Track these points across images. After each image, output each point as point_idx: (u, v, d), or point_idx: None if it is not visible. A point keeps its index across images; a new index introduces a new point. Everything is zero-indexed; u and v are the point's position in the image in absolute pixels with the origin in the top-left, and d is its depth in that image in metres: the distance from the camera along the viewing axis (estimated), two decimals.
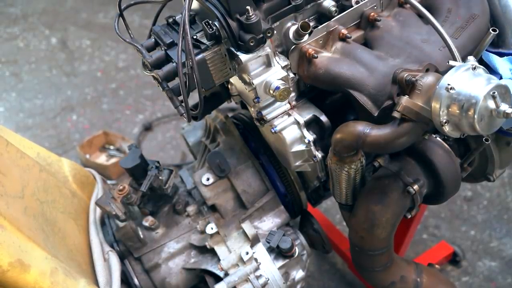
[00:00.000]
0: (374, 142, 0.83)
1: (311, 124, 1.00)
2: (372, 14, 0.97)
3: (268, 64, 0.91)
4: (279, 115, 0.98)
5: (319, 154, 1.00)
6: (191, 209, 1.15)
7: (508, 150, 1.10)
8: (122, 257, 1.10)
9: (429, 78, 0.79)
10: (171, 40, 0.93)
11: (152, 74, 0.90)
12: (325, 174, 1.10)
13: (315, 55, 0.93)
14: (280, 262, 1.07)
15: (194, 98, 0.90)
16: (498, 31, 0.90)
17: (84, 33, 3.50)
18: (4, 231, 0.83)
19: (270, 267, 1.05)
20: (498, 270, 1.98)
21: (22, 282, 0.85)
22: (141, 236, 1.10)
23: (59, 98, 3.01)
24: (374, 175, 0.99)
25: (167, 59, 0.92)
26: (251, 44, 0.85)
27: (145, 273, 1.11)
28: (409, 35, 0.95)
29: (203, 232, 1.12)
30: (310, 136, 0.98)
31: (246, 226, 1.09)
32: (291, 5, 0.91)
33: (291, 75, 0.97)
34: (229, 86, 1.03)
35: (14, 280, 0.85)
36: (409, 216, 0.99)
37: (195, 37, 0.90)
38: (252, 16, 0.82)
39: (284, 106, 0.99)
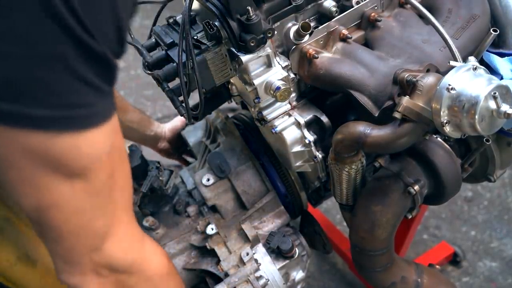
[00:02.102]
0: (374, 143, 0.83)
1: (312, 125, 1.00)
2: (372, 14, 0.97)
3: (268, 65, 0.91)
4: (279, 115, 0.98)
5: (319, 155, 1.00)
6: (191, 209, 1.15)
7: (508, 151, 1.10)
8: None
9: (429, 79, 0.79)
10: (172, 40, 0.93)
11: (153, 74, 0.90)
12: (326, 174, 1.10)
13: (316, 56, 0.93)
14: (280, 263, 1.07)
15: (194, 98, 0.90)
16: (498, 31, 0.90)
17: None
18: (12, 226, 0.84)
19: (270, 268, 1.05)
20: (498, 271, 1.98)
21: (29, 276, 0.86)
22: None
23: None
24: (374, 176, 0.99)
25: (168, 60, 0.92)
26: (252, 44, 0.84)
27: None
28: (409, 36, 0.95)
29: (203, 232, 1.11)
30: (310, 137, 0.98)
31: (246, 227, 1.09)
32: (291, 6, 0.91)
33: (292, 75, 0.97)
34: (229, 87, 1.03)
35: (21, 275, 0.85)
36: (410, 217, 0.99)
37: (195, 37, 0.90)
38: (253, 17, 0.82)
39: (284, 106, 0.99)
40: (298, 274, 1.11)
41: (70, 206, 0.63)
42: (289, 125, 0.98)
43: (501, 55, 0.96)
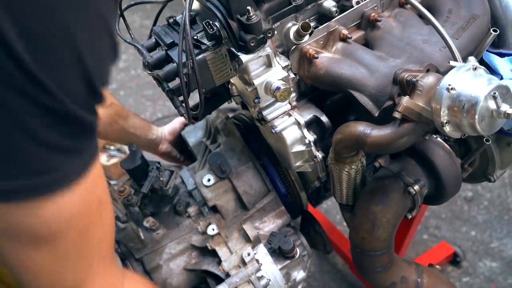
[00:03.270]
0: (374, 143, 0.83)
1: (312, 125, 1.00)
2: (372, 14, 0.97)
3: (268, 65, 0.91)
4: (279, 115, 0.98)
5: (319, 155, 1.00)
6: (192, 210, 1.15)
7: (508, 151, 1.10)
8: (123, 259, 1.10)
9: (429, 79, 0.79)
10: (172, 40, 0.93)
11: (153, 74, 0.90)
12: (326, 174, 1.10)
13: (316, 56, 0.93)
14: (282, 263, 1.07)
15: (194, 98, 0.90)
16: (498, 31, 0.90)
17: None
18: None
19: (272, 268, 1.05)
20: (498, 271, 1.98)
21: None
22: (142, 237, 1.10)
23: None
24: (374, 176, 0.99)
25: (168, 60, 0.92)
26: (252, 44, 0.84)
27: (147, 274, 1.11)
28: (409, 36, 0.95)
29: (204, 233, 1.12)
30: (310, 137, 0.98)
31: (247, 227, 1.09)
32: (291, 6, 0.91)
33: (292, 75, 0.97)
34: (229, 87, 1.03)
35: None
36: (410, 217, 0.99)
37: (195, 37, 0.90)
38: (253, 17, 0.82)
39: (284, 106, 0.99)
40: (299, 274, 1.11)
41: (36, 269, 0.60)
42: (289, 125, 0.98)
43: (501, 55, 0.96)
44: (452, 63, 0.80)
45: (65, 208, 0.56)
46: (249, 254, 1.05)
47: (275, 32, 0.88)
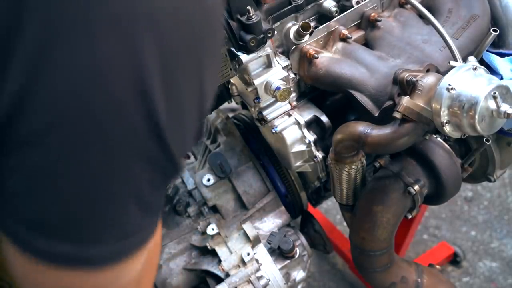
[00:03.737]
0: (374, 143, 0.83)
1: (312, 125, 1.00)
2: (372, 14, 0.97)
3: (268, 65, 0.91)
4: (279, 115, 0.98)
5: (319, 155, 1.00)
6: (191, 209, 1.15)
7: (509, 151, 1.10)
8: None
9: (429, 79, 0.79)
10: None
11: None
12: (326, 174, 1.10)
13: (316, 56, 0.93)
14: (281, 263, 1.07)
15: None
16: (498, 31, 0.90)
17: None
18: None
19: (271, 268, 1.05)
20: (499, 271, 1.98)
21: None
22: None
23: None
24: (374, 176, 0.99)
25: None
26: (252, 44, 0.85)
27: None
28: (410, 36, 0.95)
29: (204, 232, 1.11)
30: (310, 137, 0.98)
31: (247, 227, 1.09)
32: (291, 6, 0.91)
33: (292, 75, 0.97)
34: (229, 87, 1.03)
35: None
36: (410, 217, 0.99)
37: None
38: (253, 16, 0.82)
39: (284, 106, 0.99)
40: (298, 274, 1.11)
41: None
42: (289, 125, 0.98)
43: (501, 55, 0.96)
44: (452, 63, 0.80)
45: (138, 265, 0.51)
46: (248, 254, 1.05)
47: (275, 32, 0.88)
